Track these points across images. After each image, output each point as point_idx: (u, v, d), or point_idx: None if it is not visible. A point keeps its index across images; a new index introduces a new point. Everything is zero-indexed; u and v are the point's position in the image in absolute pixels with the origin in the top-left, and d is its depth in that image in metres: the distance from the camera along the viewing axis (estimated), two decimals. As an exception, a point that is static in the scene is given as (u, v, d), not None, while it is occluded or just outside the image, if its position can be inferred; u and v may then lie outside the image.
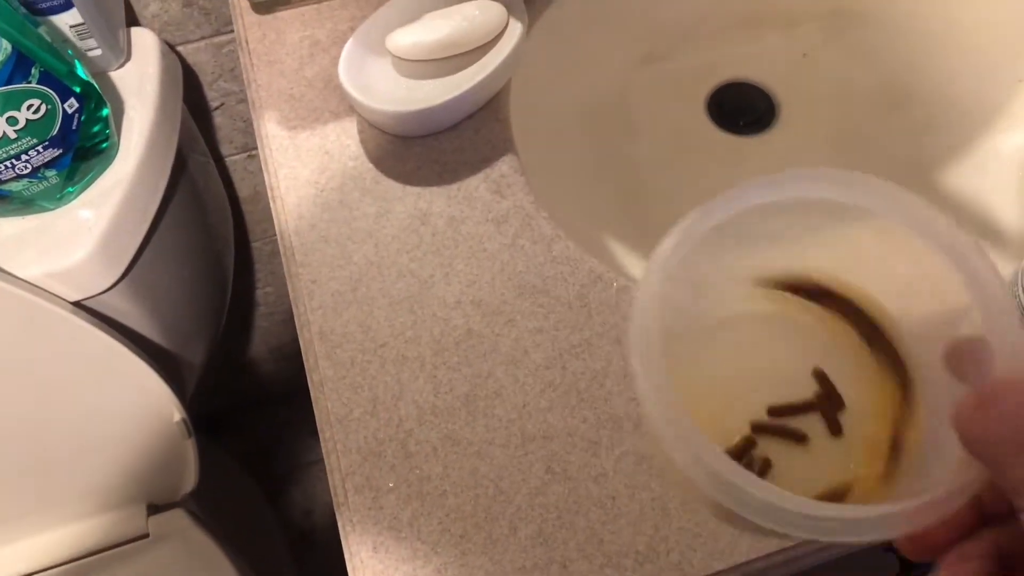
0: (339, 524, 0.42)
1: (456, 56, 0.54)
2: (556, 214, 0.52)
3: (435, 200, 0.52)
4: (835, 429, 0.34)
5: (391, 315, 0.48)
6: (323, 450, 0.44)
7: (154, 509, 0.81)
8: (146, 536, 0.79)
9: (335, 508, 0.43)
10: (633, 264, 0.55)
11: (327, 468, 0.44)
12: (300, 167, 0.53)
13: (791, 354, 0.36)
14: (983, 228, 0.58)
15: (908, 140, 0.66)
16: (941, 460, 0.29)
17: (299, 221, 0.51)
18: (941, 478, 0.27)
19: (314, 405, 0.46)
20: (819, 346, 0.36)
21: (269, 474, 1.21)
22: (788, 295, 0.37)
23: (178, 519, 0.80)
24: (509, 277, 0.49)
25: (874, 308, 0.35)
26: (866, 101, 0.67)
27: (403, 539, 0.42)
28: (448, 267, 0.49)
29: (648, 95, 0.67)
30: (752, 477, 0.26)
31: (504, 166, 0.53)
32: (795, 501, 0.25)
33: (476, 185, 0.52)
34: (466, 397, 0.45)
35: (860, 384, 0.35)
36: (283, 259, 0.50)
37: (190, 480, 0.79)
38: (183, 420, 0.70)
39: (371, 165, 0.53)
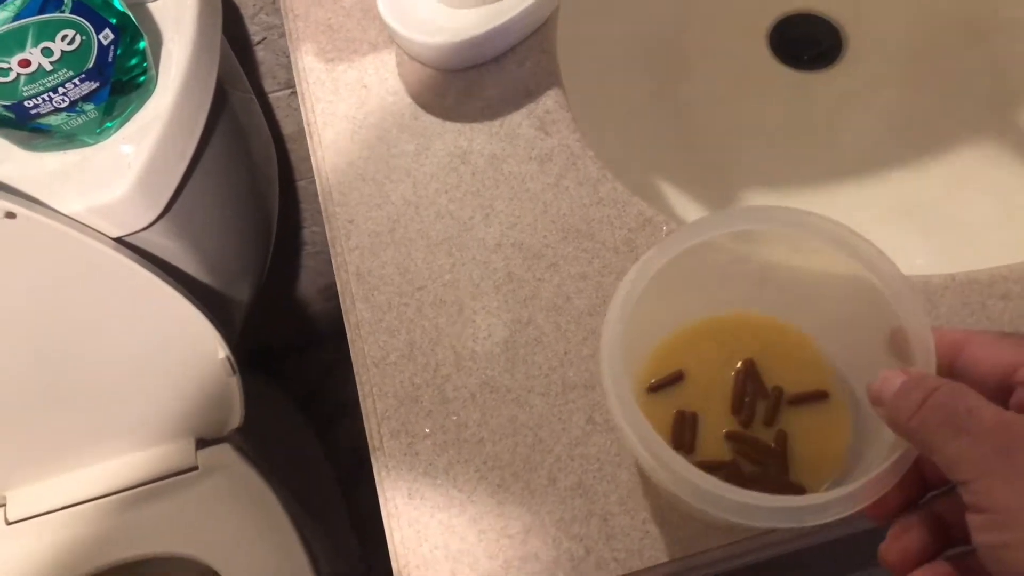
0: (375, 470, 0.42)
1: (500, -15, 0.51)
2: (603, 153, 0.49)
3: (476, 137, 0.49)
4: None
5: (429, 257, 0.46)
6: (360, 393, 0.44)
7: (203, 444, 0.82)
8: (195, 469, 0.81)
9: (371, 453, 0.42)
10: (685, 208, 0.53)
11: (363, 412, 0.43)
12: (338, 102, 0.51)
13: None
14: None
15: (988, 77, 0.61)
16: (871, 444, 0.35)
17: (336, 158, 0.49)
18: (875, 460, 0.32)
19: (351, 347, 0.45)
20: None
21: (319, 412, 1.23)
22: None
23: (225, 453, 0.81)
24: (552, 219, 0.47)
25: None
26: (943, 33, 0.62)
27: (439, 486, 0.41)
28: (488, 208, 0.47)
29: (705, 27, 0.63)
30: (722, 484, 0.31)
31: (549, 101, 0.50)
32: (757, 498, 0.31)
33: (519, 122, 0.50)
34: (505, 343, 0.44)
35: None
36: (320, 198, 0.49)
37: (236, 417, 0.79)
38: (227, 358, 0.71)
39: (410, 100, 0.51)
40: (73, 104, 0.52)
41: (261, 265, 0.85)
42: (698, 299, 0.41)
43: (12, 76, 0.49)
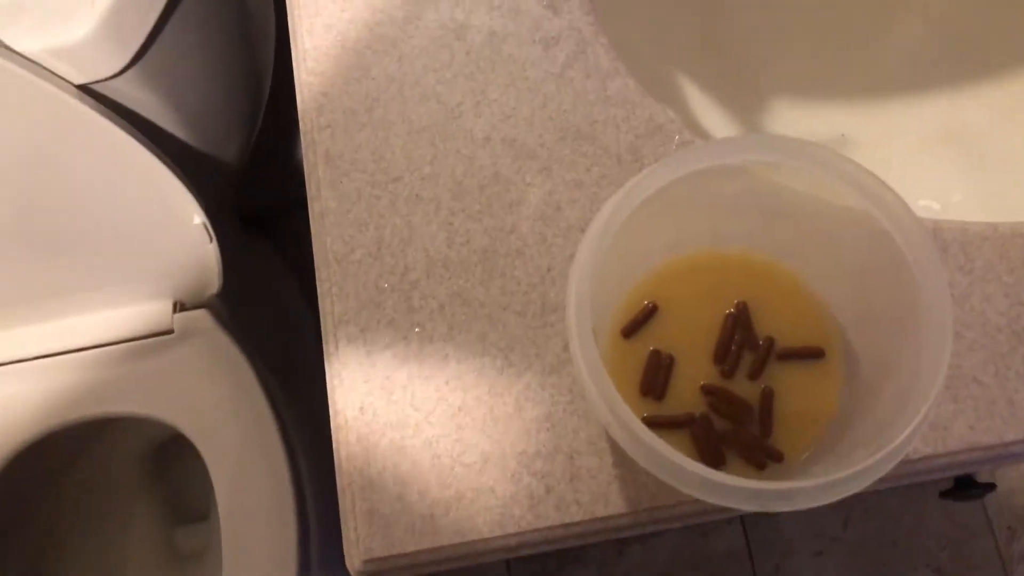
0: (327, 376, 0.38)
1: None
2: (618, 41, 0.43)
3: (475, 9, 0.43)
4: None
5: (409, 145, 0.41)
6: (319, 292, 0.39)
7: (181, 307, 0.79)
8: (170, 332, 0.78)
9: (325, 358, 0.38)
10: (704, 114, 0.47)
11: (320, 311, 0.39)
12: (323, -48, 0.45)
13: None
14: None
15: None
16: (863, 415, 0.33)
17: (313, 20, 0.43)
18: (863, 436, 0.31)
19: (313, 240, 0.40)
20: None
21: (311, 275, 1.19)
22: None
23: (203, 320, 0.78)
24: (551, 115, 0.41)
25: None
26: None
27: (394, 403, 0.37)
28: (481, 94, 0.41)
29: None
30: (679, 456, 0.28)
31: (565, -26, 0.43)
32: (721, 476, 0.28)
33: (528, -5, 0.43)
34: (484, 252, 0.39)
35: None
36: (294, 61, 0.43)
37: (214, 284, 0.76)
38: (203, 224, 0.66)
39: (405, -42, 0.44)
40: (23, -75, 0.46)
41: (251, 123, 0.79)
42: (695, 229, 0.36)
43: None
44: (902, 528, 1.13)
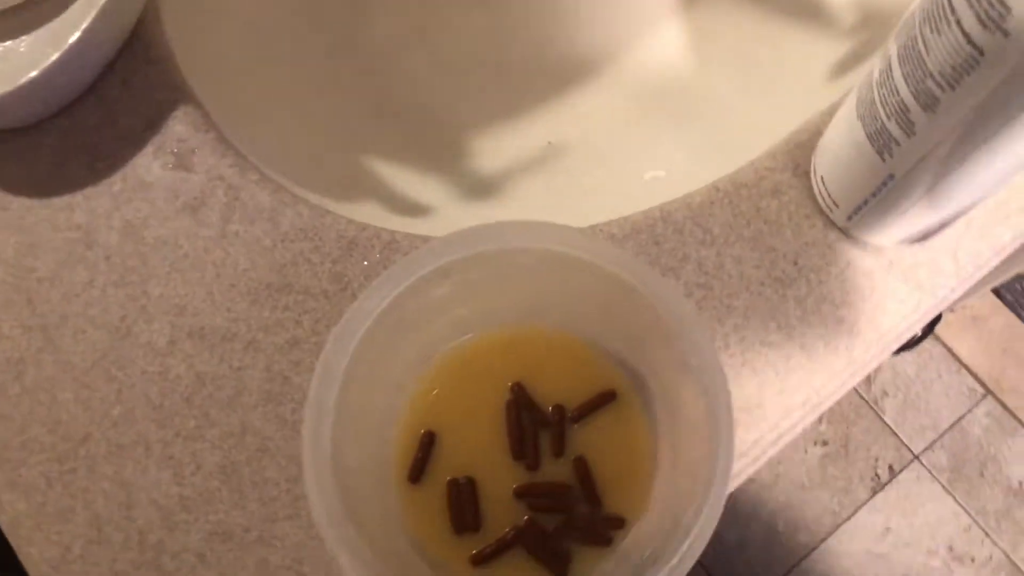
0: None
1: (45, -10, 0.36)
2: (274, 166, 0.38)
3: (96, 206, 0.36)
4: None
5: (83, 394, 0.34)
6: (53, 613, 0.32)
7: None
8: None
9: None
10: (407, 188, 0.42)
11: (67, 633, 0.31)
12: None
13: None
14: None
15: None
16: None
17: (-100, 304, 0.35)
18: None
19: (20, 557, 0.32)
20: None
21: None
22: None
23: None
24: (231, 283, 0.35)
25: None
26: None
27: None
28: (143, 297, 0.35)
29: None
30: None
31: (179, 125, 0.38)
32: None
33: (147, 165, 0.37)
34: (221, 469, 0.33)
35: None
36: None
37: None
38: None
39: (-14, 184, 0.37)
40: None
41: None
42: (435, 335, 0.32)
43: None
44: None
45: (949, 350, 1.24)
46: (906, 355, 1.23)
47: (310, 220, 0.36)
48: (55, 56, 0.34)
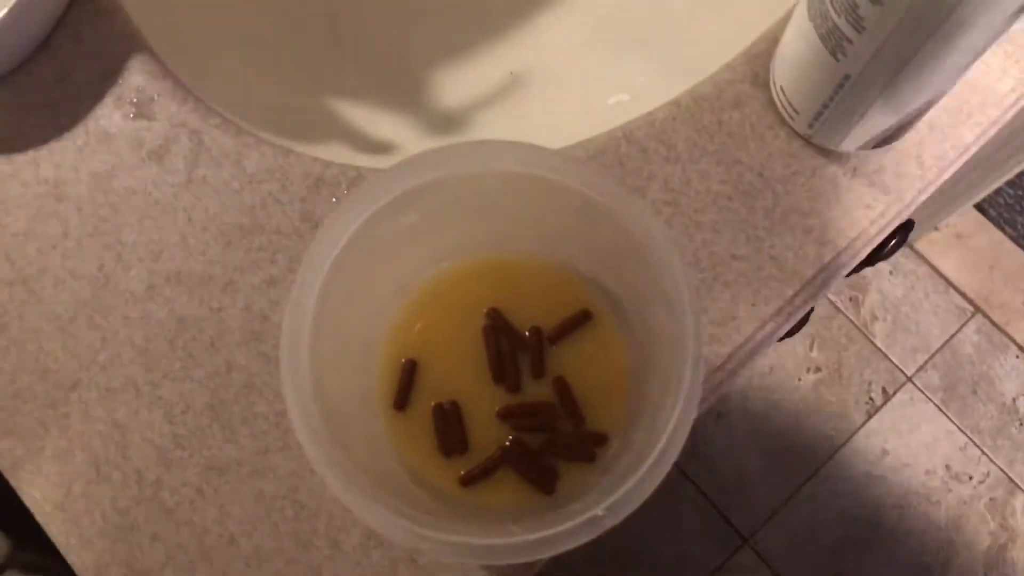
0: (116, 639, 0.32)
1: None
2: (236, 110, 0.38)
3: (61, 159, 0.36)
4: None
5: (69, 342, 0.34)
6: (59, 549, 0.33)
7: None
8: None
9: (104, 619, 0.32)
10: (360, 140, 0.43)
11: (74, 569, 0.33)
12: None
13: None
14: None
15: None
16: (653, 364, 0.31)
17: None
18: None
19: (23, 499, 0.33)
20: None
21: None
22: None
23: (13, 586, 0.67)
24: (203, 227, 0.36)
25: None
26: None
27: (203, 622, 0.31)
28: (118, 246, 0.35)
29: None
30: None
31: (136, 75, 0.38)
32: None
33: (108, 116, 0.37)
34: (211, 407, 0.34)
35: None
36: None
37: (1, 545, 0.65)
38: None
39: (-47, 143, 0.37)
40: None
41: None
42: (411, 264, 0.33)
43: None
44: (768, 352, 1.18)
45: (935, 269, 1.25)
46: (893, 279, 1.24)
47: (275, 160, 0.36)
48: (2, 13, 0.34)
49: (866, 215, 0.36)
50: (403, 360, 0.32)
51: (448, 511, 0.31)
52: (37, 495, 0.33)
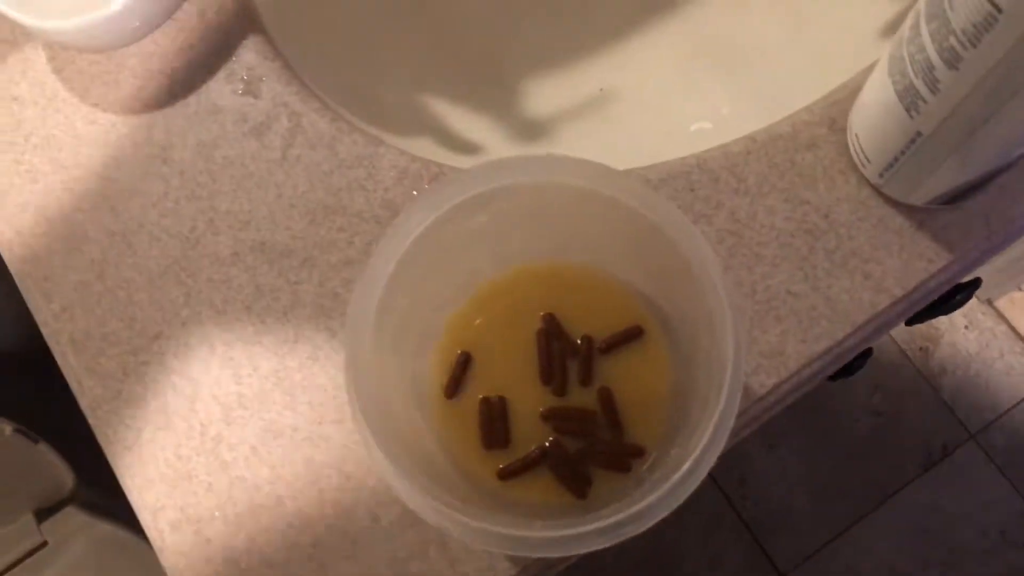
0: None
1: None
2: (334, 96, 0.40)
3: (172, 125, 0.40)
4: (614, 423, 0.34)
5: (156, 295, 0.37)
6: (122, 487, 0.36)
7: (46, 514, 0.73)
8: (44, 545, 0.71)
9: (156, 552, 0.35)
10: (459, 125, 0.45)
11: (132, 506, 0.35)
12: (-13, 128, 0.40)
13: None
14: None
15: None
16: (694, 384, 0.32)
17: (2, 200, 0.39)
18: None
19: (96, 436, 0.36)
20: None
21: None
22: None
23: (73, 517, 0.72)
24: (291, 203, 0.38)
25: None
26: None
27: (245, 571, 0.34)
28: (211, 211, 0.38)
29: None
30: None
31: (249, 53, 0.40)
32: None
33: (219, 90, 0.40)
34: (275, 373, 0.36)
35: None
36: (5, 259, 0.39)
37: (66, 479, 0.70)
38: (16, 430, 0.60)
39: (77, 100, 0.40)
40: None
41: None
42: (476, 263, 0.35)
43: None
44: (829, 390, 1.16)
45: (1014, 329, 1.21)
46: (968, 334, 1.20)
47: (365, 149, 0.38)
48: (141, -13, 0.37)
49: (926, 269, 0.36)
50: (459, 352, 0.34)
51: (482, 500, 0.33)
52: (110, 434, 0.36)
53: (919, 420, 1.18)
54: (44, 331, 0.37)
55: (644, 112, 0.50)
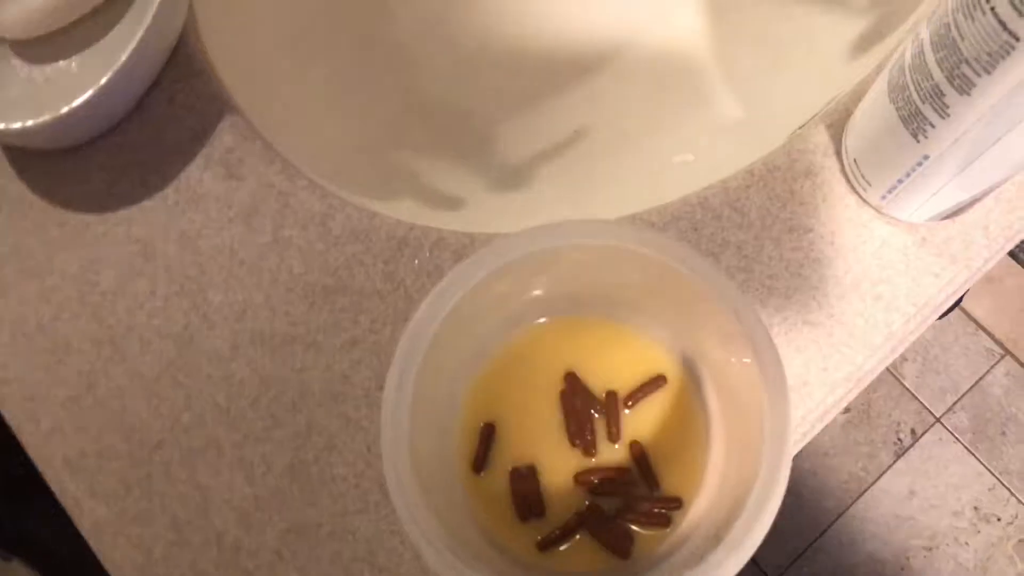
0: None
1: (91, 14, 0.37)
2: (321, 171, 0.39)
3: (151, 218, 0.38)
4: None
5: (154, 401, 0.35)
6: (141, 612, 0.33)
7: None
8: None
9: None
10: (436, 199, 0.44)
11: (154, 630, 0.33)
12: (-53, 241, 0.38)
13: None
14: None
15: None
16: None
17: (-26, 324, 0.36)
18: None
19: (103, 562, 0.34)
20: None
21: None
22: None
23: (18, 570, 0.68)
24: (288, 287, 0.36)
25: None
26: None
27: None
28: (204, 305, 0.36)
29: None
30: None
31: (226, 136, 0.39)
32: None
33: (198, 176, 0.38)
34: (291, 469, 0.34)
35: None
36: (-20, 378, 0.36)
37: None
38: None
39: (45, 203, 0.38)
40: None
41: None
42: (490, 330, 0.33)
43: None
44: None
45: (965, 312, 1.25)
46: (923, 320, 1.24)
47: (359, 222, 0.37)
48: (107, 76, 0.35)
49: (934, 283, 0.37)
50: (482, 423, 0.33)
51: (525, 574, 0.32)
52: (118, 557, 0.33)
53: (887, 410, 1.20)
54: (33, 455, 0.35)
55: (622, 149, 0.50)
